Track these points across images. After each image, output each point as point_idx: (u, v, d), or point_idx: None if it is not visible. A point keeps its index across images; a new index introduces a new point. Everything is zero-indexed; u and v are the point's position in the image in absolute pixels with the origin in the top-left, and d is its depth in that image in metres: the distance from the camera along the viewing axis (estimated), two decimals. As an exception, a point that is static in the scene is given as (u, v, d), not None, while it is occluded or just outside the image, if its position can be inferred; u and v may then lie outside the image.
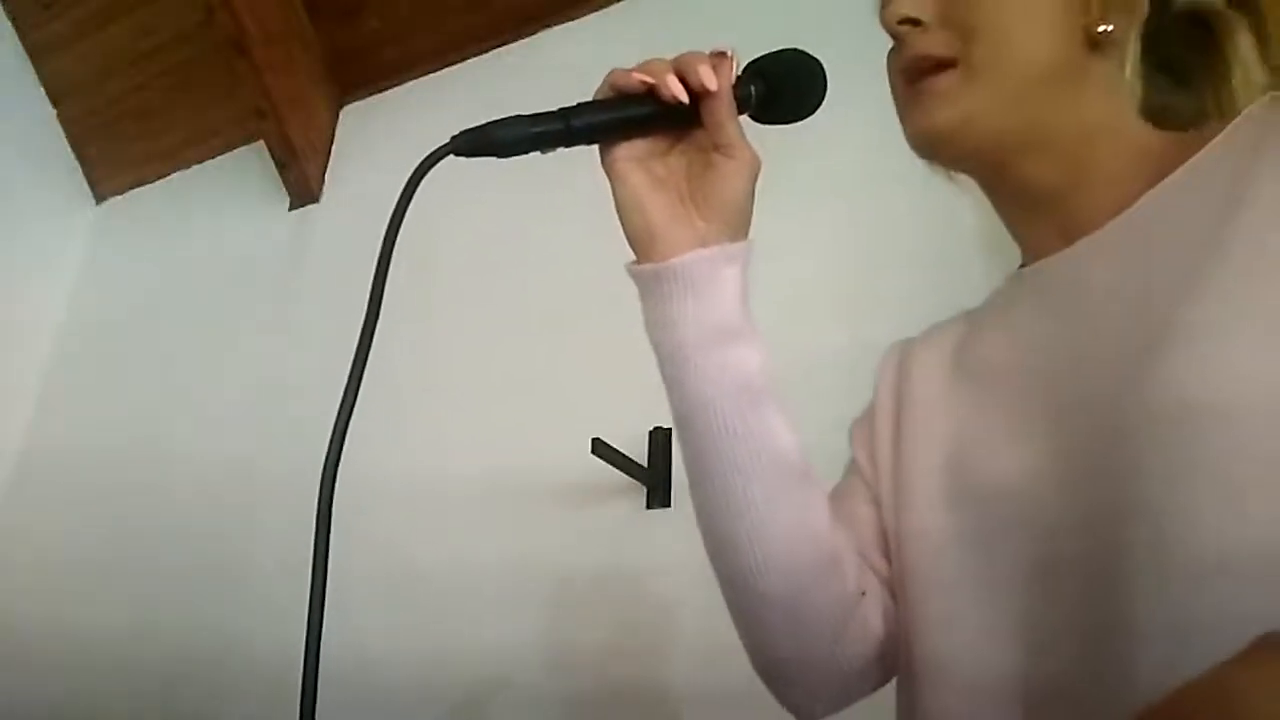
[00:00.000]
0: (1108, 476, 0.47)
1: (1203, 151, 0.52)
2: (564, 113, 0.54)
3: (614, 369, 1.70)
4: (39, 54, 2.68)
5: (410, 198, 0.53)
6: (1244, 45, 0.60)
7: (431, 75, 2.33)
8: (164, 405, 2.33)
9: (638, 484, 1.54)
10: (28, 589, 2.27)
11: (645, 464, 1.54)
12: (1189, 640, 0.41)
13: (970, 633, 0.53)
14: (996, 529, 0.53)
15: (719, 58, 0.55)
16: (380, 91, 2.42)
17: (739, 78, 0.57)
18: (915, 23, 0.57)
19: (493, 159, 0.54)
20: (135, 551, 2.14)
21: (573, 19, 2.12)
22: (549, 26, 2.15)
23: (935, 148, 0.59)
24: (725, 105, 0.55)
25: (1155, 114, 0.59)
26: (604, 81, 0.56)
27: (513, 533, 1.67)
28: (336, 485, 0.49)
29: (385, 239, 0.53)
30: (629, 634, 1.48)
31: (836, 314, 1.50)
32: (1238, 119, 0.52)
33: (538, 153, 0.55)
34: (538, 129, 0.54)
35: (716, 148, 0.56)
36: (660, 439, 1.54)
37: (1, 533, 2.43)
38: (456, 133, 0.53)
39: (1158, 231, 0.51)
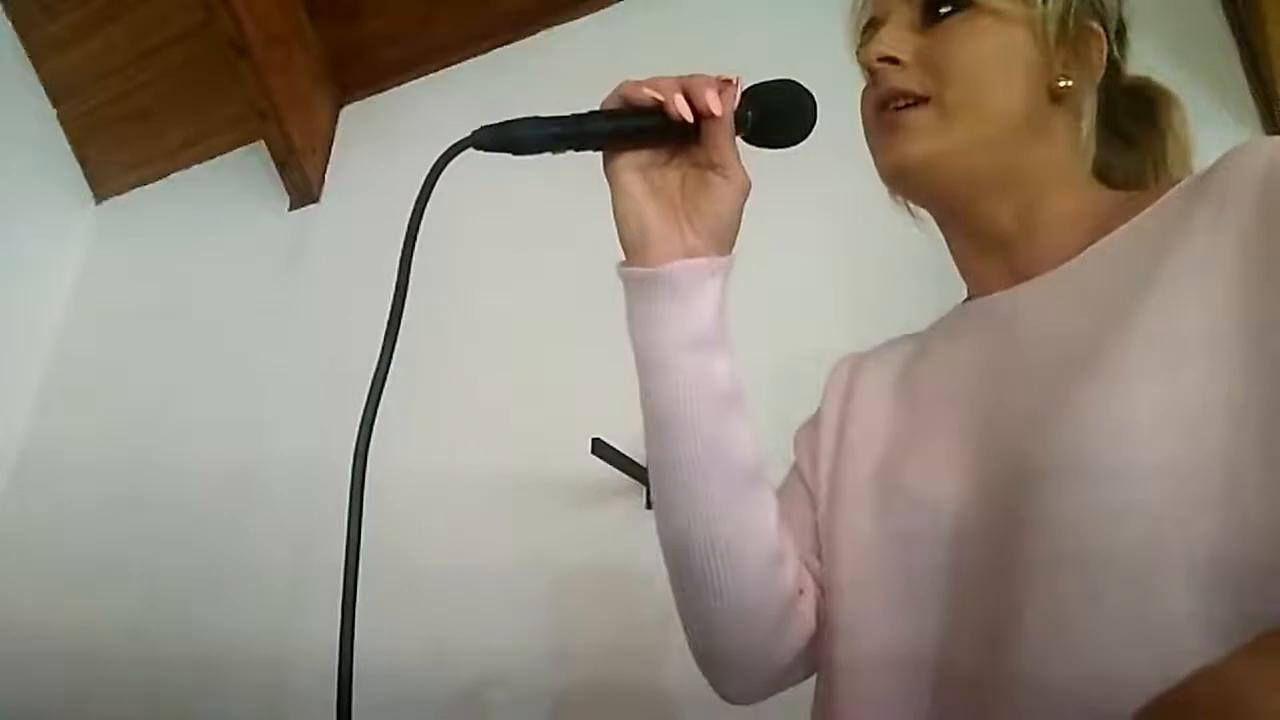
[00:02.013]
0: (1010, 493, 0.52)
1: (1142, 214, 0.56)
2: (578, 118, 0.58)
3: (614, 369, 1.69)
4: (39, 54, 2.68)
5: (432, 187, 0.55)
6: (1176, 119, 0.68)
7: (431, 75, 2.33)
8: (163, 405, 2.33)
9: (638, 484, 1.54)
10: (27, 589, 2.27)
11: (645, 464, 1.54)
12: (1064, 637, 0.46)
13: (887, 626, 0.57)
14: (915, 535, 0.58)
15: (724, 83, 0.58)
16: (380, 91, 2.42)
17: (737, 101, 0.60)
18: (893, 61, 0.61)
19: (509, 155, 0.57)
20: (134, 551, 2.14)
21: (573, 19, 2.13)
22: (549, 26, 2.16)
23: (906, 179, 0.63)
24: (726, 129, 0.58)
25: (1100, 171, 0.65)
26: (614, 92, 0.59)
27: (513, 532, 1.67)
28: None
29: (409, 226, 0.55)
30: (629, 634, 1.48)
31: (827, 320, 1.50)
32: (1173, 189, 0.57)
33: (549, 153, 0.57)
34: (554, 130, 0.56)
35: (712, 166, 0.59)
36: (660, 439, 1.54)
37: (1, 532, 2.43)
38: (478, 127, 0.56)
39: (1095, 283, 0.56)
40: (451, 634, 1.64)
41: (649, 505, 1.55)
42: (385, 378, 0.53)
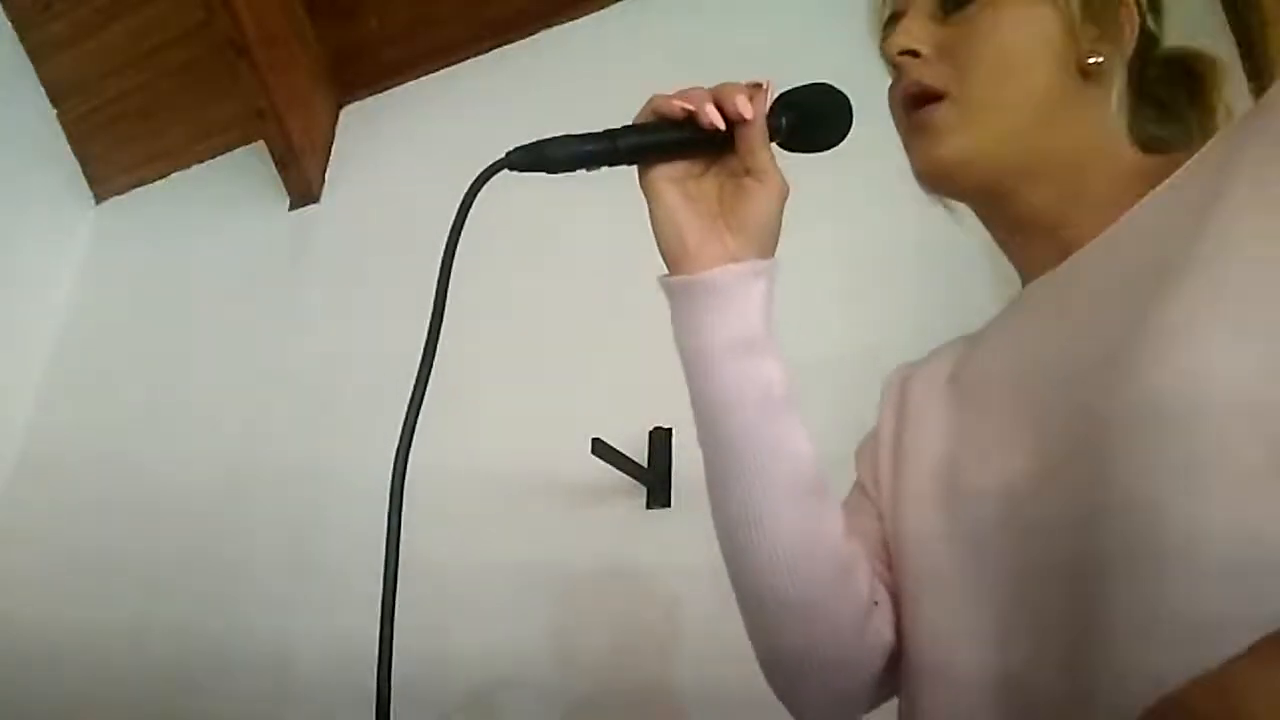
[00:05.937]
0: (1083, 480, 0.47)
1: (1187, 163, 0.53)
2: (611, 134, 0.58)
3: (614, 369, 1.70)
4: (39, 54, 2.68)
5: (468, 209, 0.56)
6: (1228, 91, 0.64)
7: (431, 75, 2.33)
8: (163, 405, 2.33)
9: (638, 484, 1.54)
10: (27, 588, 2.27)
11: (645, 464, 1.54)
12: (1155, 641, 0.40)
13: (957, 632, 0.54)
14: (982, 531, 0.54)
15: (755, 88, 0.58)
16: (380, 91, 2.42)
17: (771, 107, 0.60)
18: (914, 54, 0.60)
19: (543, 174, 0.57)
20: (134, 551, 2.14)
21: (573, 19, 2.13)
22: (549, 26, 2.16)
23: (938, 182, 0.62)
24: (759, 134, 0.58)
25: (1144, 142, 0.62)
26: (646, 106, 0.59)
27: (513, 533, 1.67)
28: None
29: (445, 253, 0.57)
30: (629, 634, 1.48)
31: (839, 325, 1.50)
32: (1220, 131, 0.54)
33: (583, 170, 0.58)
34: (588, 148, 0.57)
35: (748, 172, 0.59)
36: (660, 439, 1.54)
37: (1, 532, 2.43)
38: (511, 148, 0.57)
39: (1143, 238, 0.53)
40: (450, 633, 1.64)
41: (649, 505, 1.55)
42: (424, 391, 0.54)
